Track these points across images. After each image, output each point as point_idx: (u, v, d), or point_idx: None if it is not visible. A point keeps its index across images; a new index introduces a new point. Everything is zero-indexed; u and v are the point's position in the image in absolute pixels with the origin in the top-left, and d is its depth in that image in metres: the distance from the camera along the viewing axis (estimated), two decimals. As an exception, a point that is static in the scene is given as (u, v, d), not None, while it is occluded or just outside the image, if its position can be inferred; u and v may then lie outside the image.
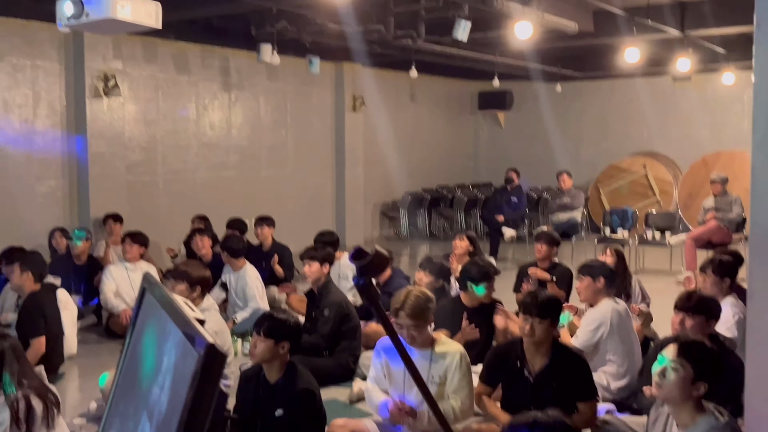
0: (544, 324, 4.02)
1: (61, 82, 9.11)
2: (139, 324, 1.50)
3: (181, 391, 1.11)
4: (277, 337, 3.85)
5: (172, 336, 1.24)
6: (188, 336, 1.17)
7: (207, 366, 1.07)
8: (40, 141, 8.97)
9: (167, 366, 1.23)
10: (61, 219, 8.98)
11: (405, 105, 14.64)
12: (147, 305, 1.48)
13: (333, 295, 5.89)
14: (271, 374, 3.94)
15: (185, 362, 1.13)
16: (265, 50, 9.37)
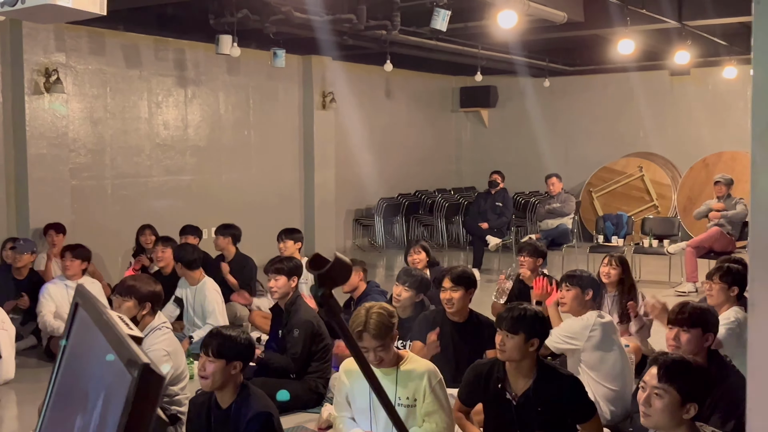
0: (516, 340, 3.90)
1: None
2: (71, 343, 1.47)
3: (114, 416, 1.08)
4: (229, 356, 3.81)
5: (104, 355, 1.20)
6: (122, 356, 1.13)
7: (142, 389, 1.04)
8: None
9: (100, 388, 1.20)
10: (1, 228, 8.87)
11: (380, 102, 14.66)
12: (79, 322, 1.45)
13: (303, 313, 5.83)
14: (224, 398, 3.91)
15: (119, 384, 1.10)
16: (225, 42, 9.33)
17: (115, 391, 1.12)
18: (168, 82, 10.91)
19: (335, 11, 9.02)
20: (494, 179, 12.01)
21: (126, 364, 1.10)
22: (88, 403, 1.22)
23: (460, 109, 16.54)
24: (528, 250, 6.93)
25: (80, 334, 1.41)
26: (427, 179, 15.60)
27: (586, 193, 14.27)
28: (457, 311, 5.32)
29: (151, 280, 5.11)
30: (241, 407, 3.86)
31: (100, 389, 1.21)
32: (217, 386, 3.86)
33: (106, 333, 1.24)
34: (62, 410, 1.40)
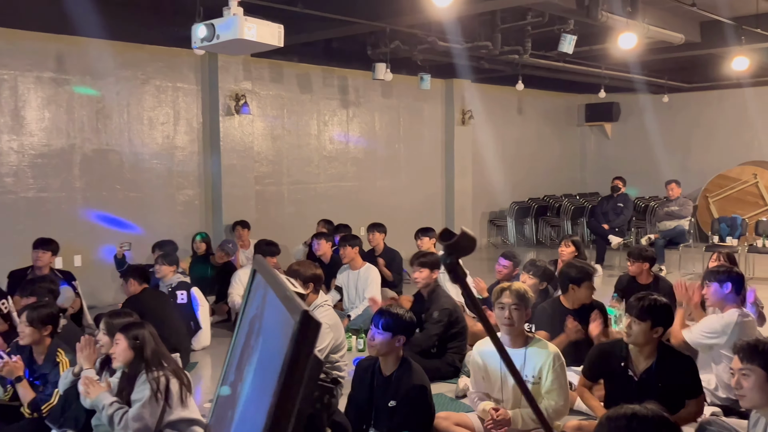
0: (642, 326, 3.85)
1: (198, 102, 9.58)
2: (249, 300, 1.56)
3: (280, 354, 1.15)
4: (395, 330, 3.87)
5: (274, 306, 1.28)
6: (288, 305, 1.20)
7: (302, 330, 1.10)
8: (180, 155, 9.45)
9: (271, 333, 1.27)
10: (198, 225, 9.41)
11: (512, 118, 14.46)
12: (256, 283, 1.54)
13: (443, 301, 5.88)
14: (387, 367, 3.97)
15: (285, 328, 1.16)
16: (380, 69, 9.51)
17: (282, 334, 1.18)
18: (333, 104, 11.24)
19: (473, 39, 9.00)
20: (616, 184, 11.58)
21: (291, 312, 1.16)
22: (261, 344, 1.30)
23: (584, 123, 16.06)
24: (636, 256, 6.54)
25: (257, 293, 1.50)
26: (555, 185, 15.25)
27: (702, 198, 13.47)
28: None
29: (313, 265, 5.29)
30: (402, 377, 3.90)
31: (270, 334, 1.29)
32: (381, 353, 3.93)
33: (276, 290, 1.32)
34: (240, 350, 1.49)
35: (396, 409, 3.86)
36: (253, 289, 1.54)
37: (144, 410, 3.61)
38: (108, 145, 8.77)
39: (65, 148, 8.41)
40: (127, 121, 8.92)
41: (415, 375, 3.92)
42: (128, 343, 3.82)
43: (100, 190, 8.71)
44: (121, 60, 8.72)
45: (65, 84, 8.36)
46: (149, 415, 3.62)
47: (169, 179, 9.35)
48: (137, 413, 3.61)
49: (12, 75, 7.95)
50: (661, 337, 3.94)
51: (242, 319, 1.58)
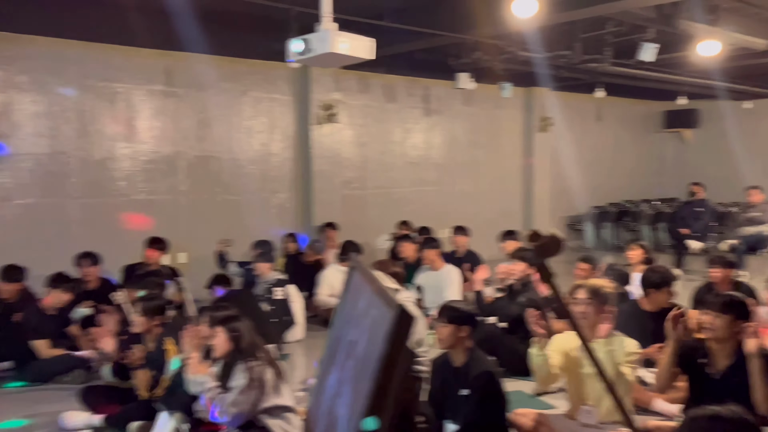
0: (723, 320, 3.72)
1: (292, 112, 9.81)
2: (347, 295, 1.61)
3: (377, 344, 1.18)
4: (457, 321, 3.88)
5: (370, 300, 1.31)
6: (384, 300, 1.24)
7: (398, 323, 1.13)
8: (274, 161, 9.70)
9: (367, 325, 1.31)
10: (290, 226, 9.62)
11: (590, 125, 14.13)
12: (353, 280, 1.58)
13: (532, 293, 5.86)
14: (456, 358, 3.97)
15: (382, 321, 1.19)
16: (462, 78, 9.49)
17: (379, 326, 1.22)
18: (416, 112, 11.29)
19: (554, 49, 8.86)
20: (694, 189, 11.14)
21: (387, 306, 1.19)
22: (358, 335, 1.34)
23: (663, 129, 15.51)
24: (719, 263, 6.24)
25: (354, 288, 1.54)
26: (633, 190, 14.80)
27: (785, 205, 12.77)
28: None
29: (394, 263, 5.35)
30: (471, 366, 3.91)
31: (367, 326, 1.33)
32: (448, 346, 3.94)
33: (373, 286, 1.35)
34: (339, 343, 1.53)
35: (468, 398, 3.86)
36: (350, 285, 1.59)
37: (241, 396, 3.74)
38: (209, 151, 9.10)
39: (171, 155, 8.78)
40: (227, 129, 9.23)
41: (483, 363, 3.92)
42: (227, 335, 3.97)
43: (202, 194, 9.04)
44: (222, 73, 9.04)
45: (173, 96, 8.73)
46: (246, 401, 3.75)
47: (264, 183, 9.61)
48: (235, 399, 3.74)
49: (126, 88, 8.37)
50: (740, 334, 3.77)
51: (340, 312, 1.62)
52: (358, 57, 4.84)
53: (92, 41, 7.98)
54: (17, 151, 7.66)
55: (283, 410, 3.87)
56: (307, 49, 4.85)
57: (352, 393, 1.29)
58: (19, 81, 7.65)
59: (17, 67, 7.60)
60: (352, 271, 1.58)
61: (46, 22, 7.55)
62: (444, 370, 4.05)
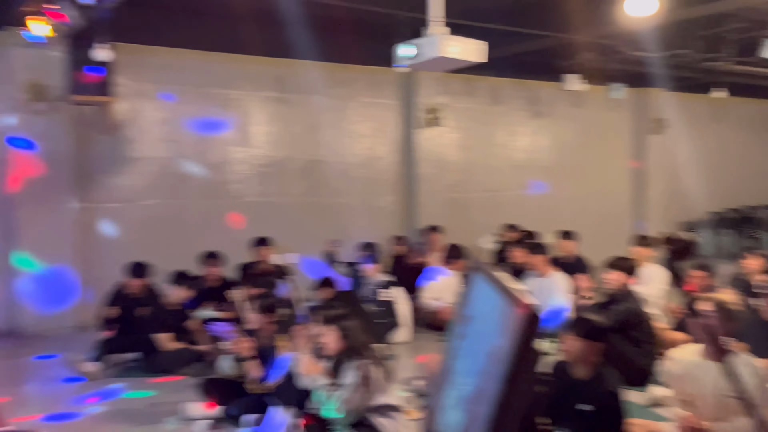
0: None
1: (397, 116, 9.90)
2: (468, 296, 1.60)
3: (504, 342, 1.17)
4: (591, 337, 3.73)
5: (494, 301, 1.30)
6: (509, 299, 1.22)
7: (524, 322, 1.12)
8: (380, 165, 9.83)
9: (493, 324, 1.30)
10: (396, 228, 9.70)
11: (707, 126, 13.39)
12: (474, 281, 1.57)
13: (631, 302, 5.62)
14: (580, 371, 3.83)
15: (507, 319, 1.18)
16: (571, 80, 9.26)
17: (505, 327, 1.20)
18: (522, 115, 11.11)
19: (669, 48, 8.48)
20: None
21: (513, 306, 1.18)
22: (483, 337, 1.33)
23: (790, 130, 14.50)
24: None
25: (476, 289, 1.53)
26: (755, 195, 13.90)
27: None
28: None
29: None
30: (596, 382, 3.74)
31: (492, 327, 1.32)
32: (575, 359, 3.80)
33: (497, 287, 1.34)
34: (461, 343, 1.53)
35: (589, 414, 3.72)
36: (471, 287, 1.58)
37: (351, 394, 3.80)
38: (318, 155, 9.32)
39: (283, 159, 9.07)
40: (335, 134, 9.43)
41: (609, 380, 3.75)
42: (338, 333, 4.05)
43: (311, 196, 9.28)
44: (331, 79, 9.23)
45: (284, 102, 9.02)
46: (356, 399, 3.81)
47: (370, 186, 9.74)
48: (346, 396, 3.81)
49: (241, 95, 8.72)
50: None
51: (461, 314, 1.62)
52: (469, 60, 4.82)
53: (210, 51, 8.36)
54: (143, 155, 8.14)
55: (390, 409, 3.91)
56: (417, 53, 4.88)
57: (476, 395, 1.29)
58: (146, 89, 8.12)
59: (142, 76, 8.08)
60: (473, 272, 1.57)
61: (168, 33, 7.98)
62: (563, 380, 3.90)
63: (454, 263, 7.72)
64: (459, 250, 7.85)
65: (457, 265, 7.71)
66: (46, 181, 7.29)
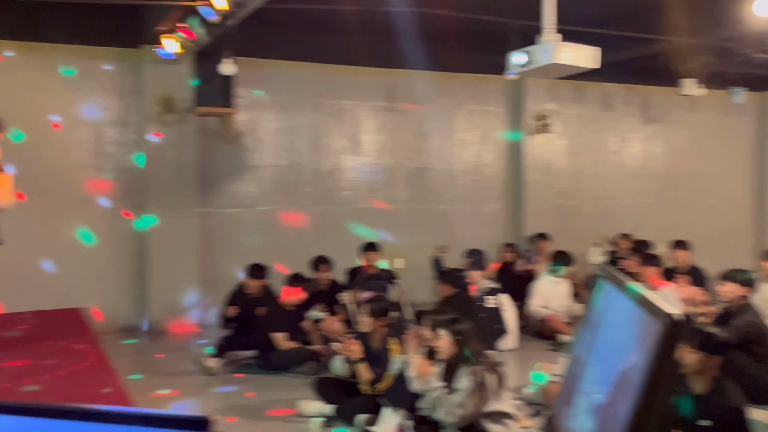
0: None
1: (504, 123, 9.82)
2: (596, 305, 1.59)
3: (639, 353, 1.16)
4: (708, 350, 3.59)
5: (628, 310, 1.29)
6: (647, 309, 1.21)
7: (667, 332, 1.11)
8: (487, 172, 9.78)
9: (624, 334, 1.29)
10: (502, 235, 9.62)
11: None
12: (601, 288, 1.56)
13: (749, 315, 5.31)
14: (697, 385, 3.69)
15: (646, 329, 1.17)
16: (687, 84, 8.87)
17: (641, 337, 1.20)
18: (634, 121, 10.74)
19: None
20: None
21: (653, 315, 1.17)
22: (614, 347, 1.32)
23: None
24: None
25: (604, 297, 1.52)
26: None
27: None
28: None
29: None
30: (716, 396, 3.58)
31: (625, 337, 1.31)
32: (692, 372, 3.67)
33: (631, 295, 1.33)
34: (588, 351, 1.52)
35: (710, 430, 3.56)
36: (599, 295, 1.57)
37: (465, 399, 3.82)
38: (426, 163, 9.40)
39: (391, 166, 9.20)
40: (442, 141, 9.48)
41: (730, 395, 3.58)
42: (451, 338, 4.07)
43: (418, 203, 9.36)
44: (439, 88, 9.30)
45: (393, 111, 9.16)
46: (470, 404, 3.82)
47: (477, 193, 9.71)
48: (459, 401, 3.83)
49: (353, 105, 8.93)
50: None
51: (587, 323, 1.61)
52: (582, 66, 4.74)
53: (324, 63, 8.62)
54: (261, 163, 8.49)
55: (503, 416, 3.89)
56: (529, 61, 4.85)
57: (609, 405, 1.28)
58: (263, 101, 8.48)
59: (261, 89, 8.44)
60: (599, 279, 1.56)
61: (285, 48, 8.30)
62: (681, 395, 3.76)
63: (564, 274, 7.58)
64: (567, 257, 7.69)
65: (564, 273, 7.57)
66: (173, 187, 7.74)
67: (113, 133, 7.73)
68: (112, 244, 7.70)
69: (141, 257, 7.77)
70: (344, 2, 6.84)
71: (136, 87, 7.69)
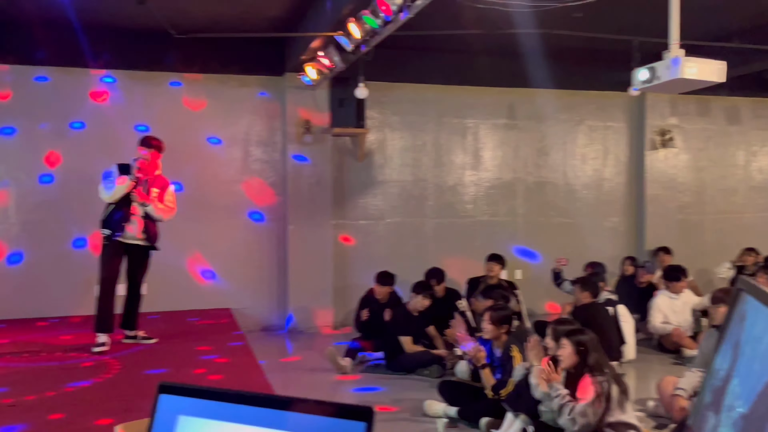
0: None
1: (625, 138, 9.42)
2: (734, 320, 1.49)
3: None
4: None
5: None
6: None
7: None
8: (607, 186, 9.41)
9: None
10: (622, 249, 9.20)
11: None
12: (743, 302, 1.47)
13: None
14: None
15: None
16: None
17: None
18: (764, 134, 9.96)
19: None
20: None
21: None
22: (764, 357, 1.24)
23: None
24: None
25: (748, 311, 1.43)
26: None
27: None
28: None
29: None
30: None
31: None
32: None
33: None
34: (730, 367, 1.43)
35: None
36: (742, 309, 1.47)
37: (589, 408, 3.68)
38: (545, 178, 9.19)
39: (511, 181, 9.07)
40: (563, 157, 9.23)
41: None
42: (573, 348, 3.94)
43: (538, 216, 9.15)
44: (559, 105, 9.07)
45: (514, 128, 9.03)
46: (592, 413, 3.68)
47: (597, 207, 9.37)
48: (583, 410, 3.69)
49: (475, 123, 8.90)
50: None
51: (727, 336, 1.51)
52: (708, 81, 4.48)
53: (448, 84, 8.66)
54: (389, 178, 8.64)
55: (626, 427, 3.71)
56: (654, 77, 4.63)
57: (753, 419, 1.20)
58: (391, 121, 8.63)
59: (390, 110, 8.60)
60: (741, 293, 1.46)
61: (412, 71, 8.43)
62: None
63: (678, 284, 7.11)
64: (682, 271, 7.22)
65: (681, 286, 7.11)
66: (311, 201, 8.04)
67: (259, 152, 8.15)
68: (258, 251, 8.10)
69: (282, 264, 8.11)
70: (468, 26, 6.85)
71: (280, 111, 8.08)
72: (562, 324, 4.31)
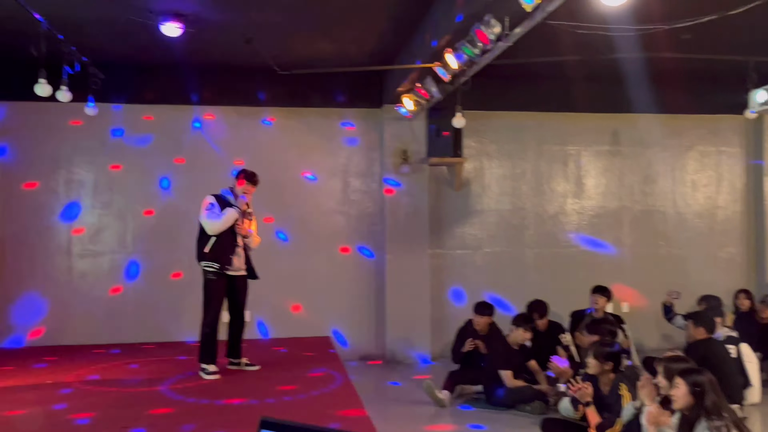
0: None
1: (741, 164, 8.87)
2: None
3: None
4: None
5: None
6: None
7: None
8: (722, 214, 8.87)
9: None
10: (739, 281, 8.60)
11: None
12: None
13: None
14: None
15: None
16: None
17: None
18: None
19: None
20: None
21: None
22: None
23: None
24: None
25: None
26: None
27: None
28: None
29: None
30: None
31: None
32: None
33: None
34: None
35: None
36: None
37: (706, 454, 3.41)
38: (653, 206, 8.78)
39: (616, 209, 8.73)
40: (672, 184, 8.80)
41: None
42: (688, 388, 3.68)
43: (645, 246, 8.73)
44: (666, 130, 8.70)
45: (618, 155, 8.72)
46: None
47: (711, 237, 8.83)
48: (700, 455, 3.43)
49: (576, 150, 8.67)
50: None
51: None
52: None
53: (547, 111, 8.51)
54: (486, 207, 8.54)
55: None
56: (773, 98, 4.34)
57: None
58: (489, 150, 8.56)
59: (488, 138, 8.54)
60: None
61: (508, 99, 8.35)
62: None
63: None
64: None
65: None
66: (408, 231, 8.06)
67: (358, 183, 8.29)
68: (356, 281, 8.20)
69: (380, 293, 8.16)
70: (567, 52, 6.72)
71: (378, 142, 8.21)
72: (676, 362, 4.03)
